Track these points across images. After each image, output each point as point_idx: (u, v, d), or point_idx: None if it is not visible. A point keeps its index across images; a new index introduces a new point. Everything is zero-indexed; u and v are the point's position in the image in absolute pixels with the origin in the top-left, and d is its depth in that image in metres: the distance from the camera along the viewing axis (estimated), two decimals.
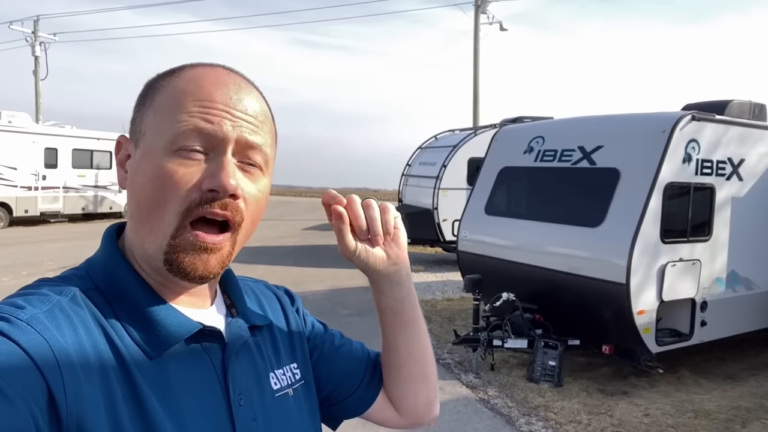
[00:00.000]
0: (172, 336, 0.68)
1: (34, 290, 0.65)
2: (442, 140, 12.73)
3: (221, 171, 0.66)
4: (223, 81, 0.70)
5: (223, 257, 0.70)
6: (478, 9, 19.55)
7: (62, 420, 0.56)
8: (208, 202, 0.66)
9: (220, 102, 0.68)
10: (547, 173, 5.88)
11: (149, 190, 0.67)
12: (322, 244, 14.29)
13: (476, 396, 4.94)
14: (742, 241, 5.60)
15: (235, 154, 0.69)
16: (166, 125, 0.67)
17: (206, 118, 0.67)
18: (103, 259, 0.72)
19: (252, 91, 0.73)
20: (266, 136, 0.73)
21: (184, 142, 0.66)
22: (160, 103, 0.69)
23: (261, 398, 0.76)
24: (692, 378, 5.46)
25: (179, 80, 0.70)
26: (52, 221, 17.33)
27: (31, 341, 0.57)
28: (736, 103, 5.86)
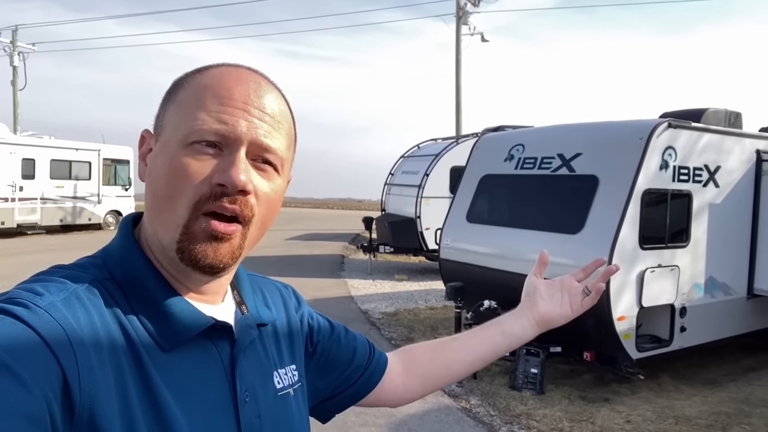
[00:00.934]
0: (185, 329, 0.69)
1: (50, 276, 0.66)
2: (424, 149, 12.77)
3: (232, 167, 0.67)
4: (244, 79, 0.71)
5: (234, 248, 0.70)
6: (459, 20, 19.73)
7: (75, 407, 0.57)
8: (217, 197, 0.67)
9: (239, 100, 0.69)
10: (527, 181, 5.90)
11: (163, 182, 0.68)
12: (305, 254, 14.21)
13: (458, 405, 4.91)
14: (720, 247, 5.66)
15: (249, 153, 0.69)
16: (185, 120, 0.69)
17: (222, 117, 0.68)
18: (120, 250, 0.73)
19: (272, 90, 0.74)
20: (282, 137, 0.73)
21: (199, 137, 0.67)
22: (182, 99, 0.71)
23: (265, 396, 0.78)
24: (673, 384, 5.48)
25: (202, 77, 0.71)
26: (29, 233, 17.03)
27: (49, 329, 0.58)
28: (712, 111, 5.95)
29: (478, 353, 1.07)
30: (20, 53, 25.40)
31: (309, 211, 37.30)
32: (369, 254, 11.98)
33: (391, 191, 12.81)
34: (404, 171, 12.48)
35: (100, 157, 18.51)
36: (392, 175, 13.02)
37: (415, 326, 7.49)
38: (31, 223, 16.86)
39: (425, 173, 11.28)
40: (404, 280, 11.11)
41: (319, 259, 13.60)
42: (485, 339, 1.07)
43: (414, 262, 13.46)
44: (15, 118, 25.05)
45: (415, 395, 1.07)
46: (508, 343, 1.08)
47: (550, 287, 1.08)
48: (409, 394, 1.06)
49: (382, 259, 12.95)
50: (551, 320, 1.07)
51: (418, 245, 11.39)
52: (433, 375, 1.06)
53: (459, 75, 19.38)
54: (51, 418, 0.54)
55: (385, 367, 1.03)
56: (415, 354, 1.08)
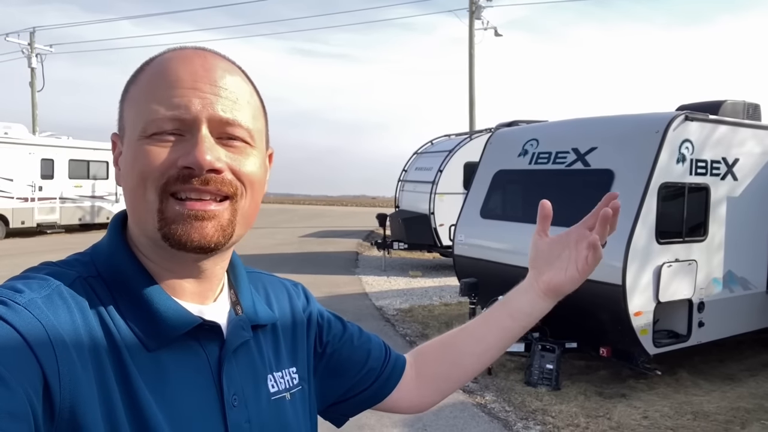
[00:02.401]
0: (170, 329, 0.67)
1: (36, 273, 0.66)
2: (438, 145, 12.74)
3: (195, 147, 0.65)
4: (189, 58, 0.69)
5: (223, 225, 0.68)
6: (472, 15, 19.61)
7: (55, 405, 0.56)
8: (186, 179, 0.65)
9: (188, 80, 0.67)
10: (541, 176, 5.86)
11: (131, 176, 0.67)
12: (320, 251, 14.26)
13: (473, 401, 4.91)
14: (738, 241, 5.58)
15: (213, 131, 0.67)
16: (140, 114, 0.67)
17: (174, 101, 0.66)
18: (107, 248, 0.72)
19: (221, 63, 0.71)
20: (244, 108, 0.70)
21: (156, 127, 0.66)
22: (133, 95, 0.69)
23: (256, 400, 0.74)
24: (691, 379, 5.43)
25: (149, 68, 0.70)
26: (48, 232, 17.29)
27: (28, 325, 0.57)
28: (729, 104, 5.86)
29: (489, 342, 0.95)
30: (38, 55, 25.79)
31: (323, 208, 37.43)
32: (383, 251, 12.00)
33: (405, 188, 12.80)
34: (418, 167, 12.47)
35: None
36: (406, 172, 13.02)
37: (430, 322, 7.49)
38: (50, 223, 17.11)
39: (439, 169, 11.26)
40: (418, 277, 11.12)
41: (333, 255, 13.64)
42: (494, 325, 0.95)
43: (428, 258, 13.46)
44: (34, 119, 25.44)
45: (430, 400, 1.00)
46: (519, 325, 0.95)
47: (554, 246, 0.90)
48: (425, 399, 0.99)
49: (396, 256, 12.96)
50: (559, 288, 0.90)
51: (432, 241, 11.37)
52: (443, 375, 0.99)
53: (472, 70, 19.28)
54: (33, 415, 0.54)
55: (402, 372, 0.98)
56: (423, 355, 1.01)
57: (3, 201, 15.79)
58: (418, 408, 1.01)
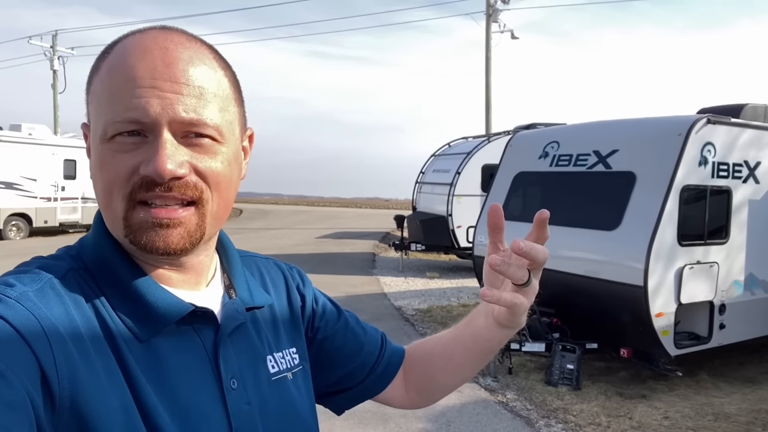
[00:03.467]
0: (162, 318, 0.67)
1: (27, 267, 0.65)
2: (455, 147, 12.80)
3: (155, 156, 0.62)
4: (148, 49, 0.64)
5: (190, 231, 0.66)
6: (489, 18, 19.66)
7: (54, 394, 0.56)
8: (150, 186, 0.63)
9: (146, 77, 0.62)
10: (562, 178, 5.92)
11: (97, 179, 0.66)
12: (337, 252, 14.38)
13: (495, 399, 4.97)
14: (760, 244, 5.59)
15: (176, 132, 0.64)
16: (100, 114, 0.64)
17: (132, 102, 0.62)
18: (93, 240, 0.71)
19: (184, 52, 0.65)
20: (210, 102, 0.66)
21: (116, 130, 0.63)
22: (95, 89, 0.66)
23: (256, 382, 0.74)
24: (711, 381, 5.44)
25: (109, 58, 0.65)
26: (70, 231, 17.60)
27: (20, 318, 0.57)
28: (751, 107, 5.88)
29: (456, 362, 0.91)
30: (60, 57, 26.27)
31: (337, 209, 37.57)
32: (401, 252, 12.08)
33: (422, 189, 12.88)
34: (435, 169, 12.54)
35: None
36: (423, 174, 13.09)
37: (449, 323, 7.53)
38: (72, 222, 17.42)
39: (457, 171, 11.32)
40: (436, 278, 11.18)
41: (350, 256, 13.75)
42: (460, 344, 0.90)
43: (445, 260, 13.51)
44: (56, 121, 25.89)
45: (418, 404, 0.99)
46: (480, 349, 0.87)
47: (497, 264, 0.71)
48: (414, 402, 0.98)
49: (413, 257, 13.03)
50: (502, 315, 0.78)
51: (449, 243, 11.43)
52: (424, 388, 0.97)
53: (489, 73, 19.32)
54: (33, 406, 0.54)
55: (397, 370, 0.96)
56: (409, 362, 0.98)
57: (27, 200, 16.12)
58: (411, 407, 0.99)
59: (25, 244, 14.86)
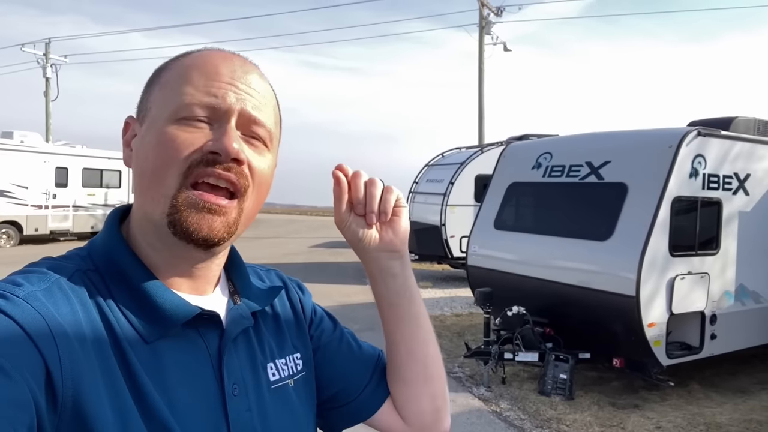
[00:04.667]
0: (169, 320, 0.68)
1: (36, 268, 0.66)
2: (449, 158, 12.87)
3: (224, 135, 0.67)
4: (229, 57, 0.72)
5: (230, 223, 0.69)
6: (482, 30, 19.85)
7: (57, 393, 0.56)
8: (210, 164, 0.67)
9: (226, 75, 0.70)
10: (555, 188, 5.97)
11: (152, 155, 0.68)
12: (330, 261, 14.36)
13: (489, 408, 4.98)
14: (750, 255, 5.65)
15: (239, 126, 0.70)
16: (171, 97, 0.69)
17: (211, 90, 0.68)
18: (104, 241, 0.72)
19: (256, 69, 0.75)
20: (269, 113, 0.74)
21: (188, 111, 0.67)
22: (167, 79, 0.71)
23: (257, 389, 0.75)
24: (703, 392, 5.48)
25: (186, 59, 0.72)
26: (61, 239, 17.48)
27: (27, 317, 0.57)
28: (741, 120, 5.97)
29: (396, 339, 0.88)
30: (53, 65, 26.21)
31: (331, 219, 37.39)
32: None
33: (416, 199, 12.92)
34: (429, 179, 12.59)
35: None
36: (417, 183, 13.14)
37: (442, 332, 7.57)
38: (63, 230, 17.30)
39: (450, 181, 11.38)
40: (429, 288, 11.19)
41: (343, 266, 13.74)
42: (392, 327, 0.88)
43: (438, 269, 13.53)
44: (48, 128, 25.79)
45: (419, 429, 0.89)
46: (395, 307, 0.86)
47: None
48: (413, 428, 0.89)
49: None
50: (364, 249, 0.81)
51: (442, 253, 11.47)
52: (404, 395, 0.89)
53: (482, 84, 19.47)
54: (36, 405, 0.54)
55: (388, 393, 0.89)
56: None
57: (17, 208, 16.01)
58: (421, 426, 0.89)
59: (15, 252, 14.74)
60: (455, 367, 6.09)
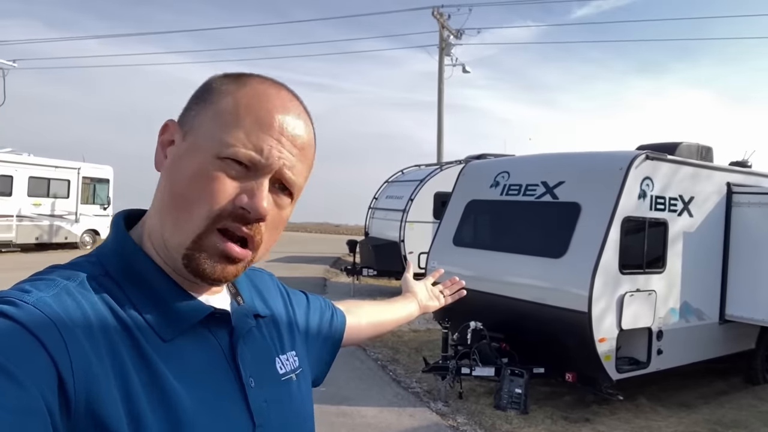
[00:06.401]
0: (185, 318, 0.70)
1: (44, 276, 0.67)
2: (408, 175, 13.02)
3: (258, 194, 0.69)
4: (285, 106, 0.73)
5: (239, 270, 0.73)
6: (442, 52, 20.30)
7: (70, 399, 0.57)
8: (237, 218, 0.69)
9: (276, 128, 0.71)
10: (512, 206, 6.13)
11: (186, 185, 0.69)
12: (288, 276, 14.20)
13: (446, 423, 5.02)
14: (694, 274, 5.92)
15: (272, 179, 0.72)
16: (222, 133, 0.69)
17: (259, 144, 0.69)
18: (115, 245, 0.73)
19: (305, 119, 0.76)
20: (305, 168, 0.76)
21: (233, 155, 0.69)
22: (223, 108, 0.71)
23: (269, 381, 0.79)
24: (650, 405, 5.68)
25: (246, 91, 0.72)
26: (3, 251, 16.68)
27: (37, 323, 0.58)
28: (685, 145, 6.30)
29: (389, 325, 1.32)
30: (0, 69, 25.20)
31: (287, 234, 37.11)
32: (352, 277, 12.07)
33: (375, 215, 12.98)
34: (388, 195, 12.69)
35: (79, 176, 18.34)
36: (376, 200, 13.22)
37: (400, 348, 7.59)
38: (5, 241, 16.53)
39: (409, 198, 11.50)
40: None
41: (301, 281, 13.61)
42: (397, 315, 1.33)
43: (396, 285, 13.56)
44: None
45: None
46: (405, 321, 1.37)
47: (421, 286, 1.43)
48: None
49: (364, 282, 13.04)
50: (429, 307, 1.42)
51: (401, 268, 11.51)
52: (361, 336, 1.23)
53: (441, 104, 19.85)
54: (50, 412, 0.54)
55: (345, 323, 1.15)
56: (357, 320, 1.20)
57: None
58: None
59: None
60: (413, 382, 6.11)
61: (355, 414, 5.06)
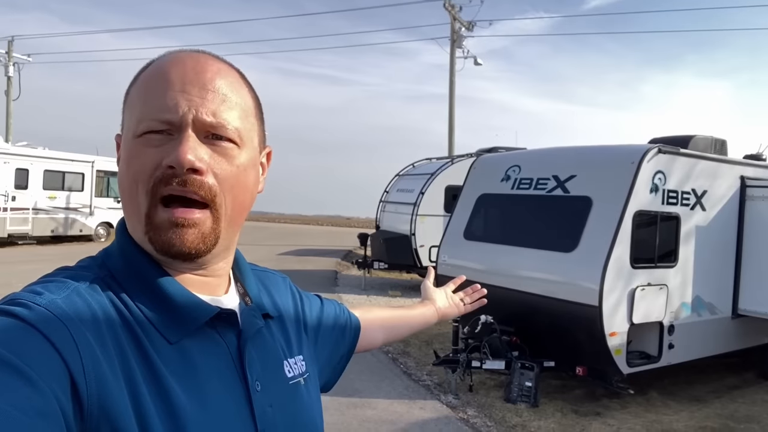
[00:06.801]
0: (190, 320, 0.70)
1: (53, 278, 0.68)
2: (419, 168, 13.01)
3: (177, 147, 0.67)
4: (182, 61, 0.71)
5: (204, 233, 0.69)
6: (453, 44, 20.19)
7: (83, 401, 0.57)
8: (169, 180, 0.67)
9: (177, 82, 0.69)
10: (523, 200, 6.13)
11: (124, 177, 0.70)
12: (299, 269, 14.29)
13: (457, 415, 5.06)
14: (706, 268, 5.89)
15: (199, 132, 0.69)
16: (134, 113, 0.70)
17: (163, 103, 0.68)
18: (119, 248, 0.74)
19: (213, 65, 0.72)
20: (233, 109, 0.72)
21: (146, 126, 0.68)
22: (132, 96, 0.72)
23: (277, 385, 0.78)
24: (661, 400, 5.68)
25: (146, 71, 0.73)
26: (20, 243, 16.94)
27: (50, 326, 0.58)
28: (699, 138, 6.24)
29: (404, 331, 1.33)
30: (15, 64, 25.50)
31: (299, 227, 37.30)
32: (363, 270, 12.12)
33: (386, 208, 13.00)
34: (399, 189, 12.69)
35: (93, 169, 18.54)
36: (387, 193, 13.23)
37: (411, 340, 7.63)
38: (22, 233, 16.78)
39: (420, 191, 11.49)
40: (398, 296, 11.26)
41: (312, 273, 13.70)
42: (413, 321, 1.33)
43: (407, 278, 13.62)
44: (8, 128, 25.07)
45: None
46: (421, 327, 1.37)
47: (441, 293, 1.43)
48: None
49: (375, 275, 13.09)
50: (447, 314, 1.41)
51: (412, 262, 11.55)
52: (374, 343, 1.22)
53: (452, 96, 19.77)
54: (63, 412, 0.55)
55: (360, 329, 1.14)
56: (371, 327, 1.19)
57: None
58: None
59: None
60: (424, 375, 6.16)
61: (366, 406, 5.12)
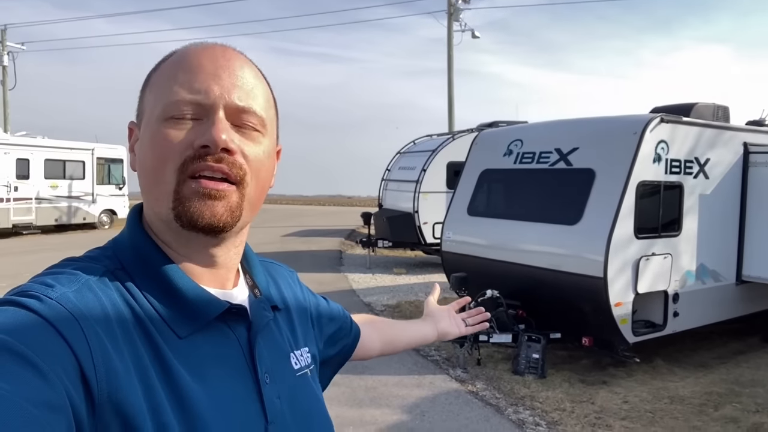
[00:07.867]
0: (201, 314, 0.70)
1: (62, 269, 0.67)
2: (420, 145, 12.97)
3: (211, 127, 0.68)
4: (210, 49, 0.73)
5: (232, 206, 0.71)
6: (450, 17, 19.93)
7: (93, 394, 0.57)
8: (202, 157, 0.68)
9: (208, 67, 0.70)
10: (526, 175, 6.13)
11: (149, 156, 0.70)
12: (303, 250, 14.37)
13: (466, 389, 5.14)
14: (710, 236, 5.92)
15: (229, 117, 0.70)
16: (161, 97, 0.70)
17: (195, 86, 0.69)
18: (130, 239, 0.74)
19: (239, 56, 0.75)
20: (259, 98, 0.74)
21: (176, 109, 0.69)
22: (155, 81, 0.73)
23: (284, 377, 0.79)
24: (666, 367, 5.75)
25: (171, 58, 0.74)
26: (24, 233, 17.02)
27: (61, 319, 0.59)
28: (701, 106, 6.21)
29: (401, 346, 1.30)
30: (9, 53, 25.27)
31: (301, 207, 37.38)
32: (368, 249, 12.18)
33: (389, 187, 12.99)
34: (401, 167, 12.67)
35: (93, 157, 18.53)
36: (389, 171, 13.21)
37: (417, 317, 7.70)
38: (26, 223, 16.86)
39: (422, 169, 11.47)
40: (403, 274, 11.33)
41: (317, 254, 13.77)
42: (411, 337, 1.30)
43: (411, 256, 13.68)
44: (6, 118, 24.96)
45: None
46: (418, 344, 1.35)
47: (443, 312, 1.38)
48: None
49: (380, 254, 13.17)
50: (448, 334, 1.36)
51: (416, 239, 11.59)
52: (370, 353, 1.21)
53: (451, 71, 19.60)
54: (72, 406, 0.55)
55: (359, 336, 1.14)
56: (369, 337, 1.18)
57: None
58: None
59: None
60: (432, 351, 6.24)
61: (377, 382, 5.20)
